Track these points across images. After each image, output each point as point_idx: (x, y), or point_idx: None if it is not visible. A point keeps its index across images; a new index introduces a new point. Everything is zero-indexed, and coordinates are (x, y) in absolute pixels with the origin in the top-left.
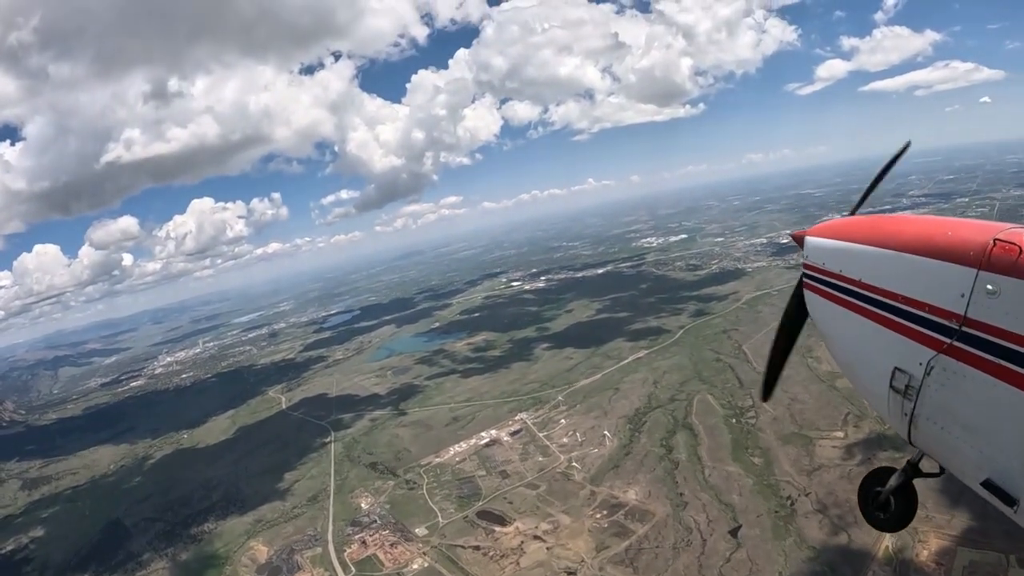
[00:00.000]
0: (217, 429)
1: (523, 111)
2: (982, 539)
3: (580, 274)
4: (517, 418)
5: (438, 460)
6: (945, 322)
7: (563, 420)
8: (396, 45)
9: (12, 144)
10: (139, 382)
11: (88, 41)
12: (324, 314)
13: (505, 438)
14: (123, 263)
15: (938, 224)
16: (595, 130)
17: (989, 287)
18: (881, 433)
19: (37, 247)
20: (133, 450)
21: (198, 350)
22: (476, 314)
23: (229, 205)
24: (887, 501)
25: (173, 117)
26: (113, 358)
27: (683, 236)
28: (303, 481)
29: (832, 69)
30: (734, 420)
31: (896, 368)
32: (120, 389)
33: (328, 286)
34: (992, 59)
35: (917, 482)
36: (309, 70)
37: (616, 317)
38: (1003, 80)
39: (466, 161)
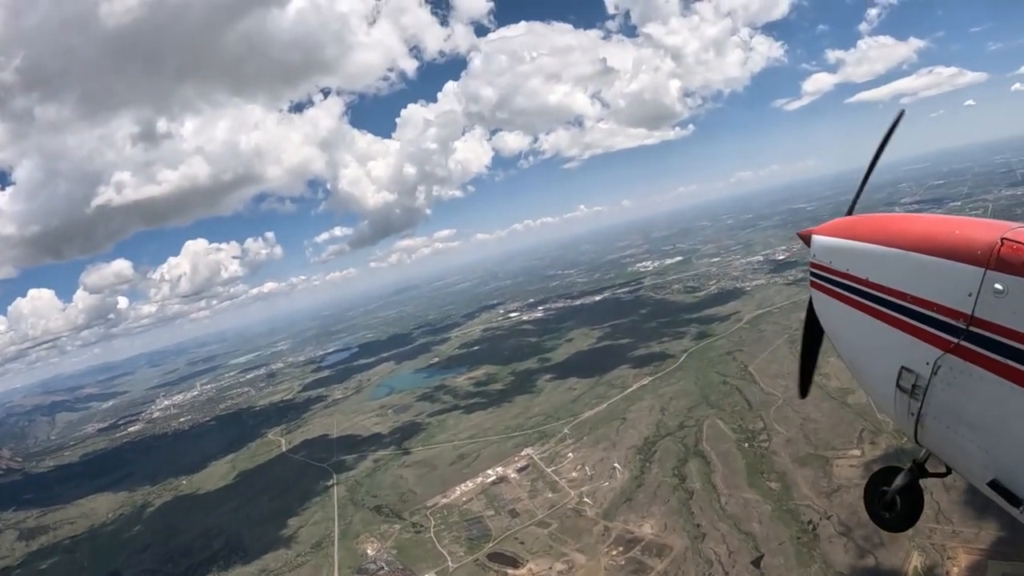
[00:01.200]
0: (217, 474)
1: (513, 141)
2: (1012, 550)
3: (578, 302)
4: (523, 453)
5: (445, 501)
6: (952, 321)
7: (571, 454)
8: (385, 79)
9: (2, 188)
10: (137, 427)
11: (73, 82)
12: (322, 353)
13: (512, 475)
14: (118, 306)
15: (945, 223)
16: (585, 157)
17: (997, 286)
18: (900, 448)
19: (32, 292)
20: (132, 498)
21: (196, 393)
22: (475, 347)
23: (223, 246)
24: (893, 500)
25: (163, 159)
26: (110, 402)
27: (679, 258)
28: (307, 527)
29: (819, 83)
30: (746, 444)
31: (903, 367)
32: (118, 434)
33: (325, 324)
34: (975, 62)
35: (943, 496)
36: (299, 108)
37: (618, 344)
38: (986, 82)
39: (458, 194)
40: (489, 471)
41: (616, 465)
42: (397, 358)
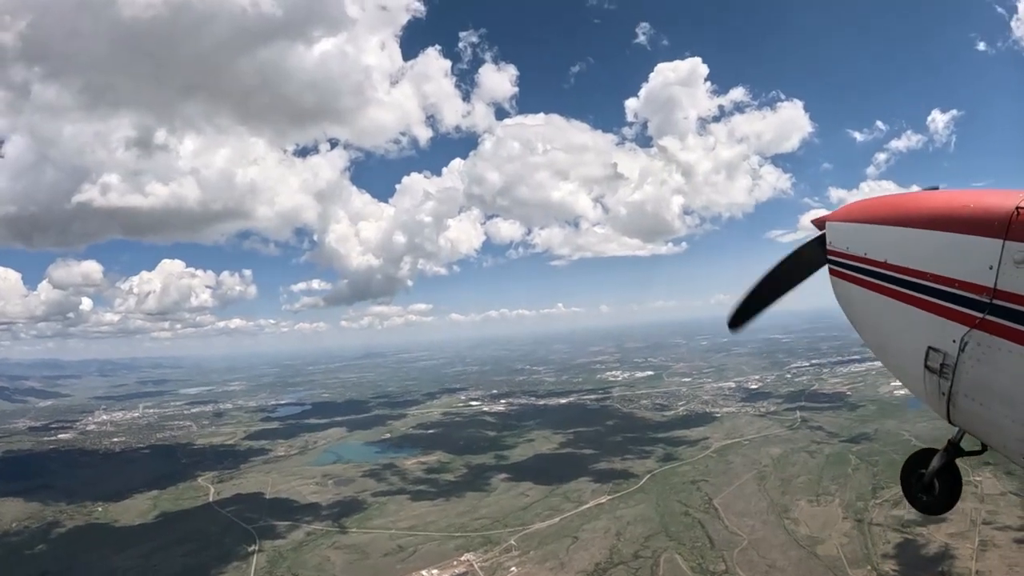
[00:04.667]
0: (136, 509)
1: (507, 230)
2: None
3: (543, 402)
4: (463, 559)
5: None
6: (976, 296)
7: (514, 568)
8: (396, 142)
9: None
10: (68, 435)
11: (77, 67)
12: (274, 402)
13: None
14: (81, 307)
15: (958, 197)
16: (575, 258)
17: (1017, 256)
18: None
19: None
20: (43, 511)
21: (137, 414)
22: (432, 430)
23: (199, 273)
24: (931, 483)
25: (155, 171)
26: (49, 402)
27: (650, 372)
28: None
29: None
30: None
31: (930, 347)
32: (47, 438)
33: (284, 373)
34: None
35: None
36: (303, 152)
37: (579, 453)
38: None
39: (443, 271)
40: (424, 572)
41: None
42: (350, 425)
